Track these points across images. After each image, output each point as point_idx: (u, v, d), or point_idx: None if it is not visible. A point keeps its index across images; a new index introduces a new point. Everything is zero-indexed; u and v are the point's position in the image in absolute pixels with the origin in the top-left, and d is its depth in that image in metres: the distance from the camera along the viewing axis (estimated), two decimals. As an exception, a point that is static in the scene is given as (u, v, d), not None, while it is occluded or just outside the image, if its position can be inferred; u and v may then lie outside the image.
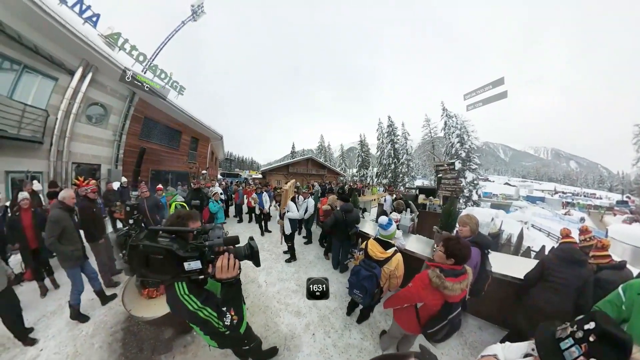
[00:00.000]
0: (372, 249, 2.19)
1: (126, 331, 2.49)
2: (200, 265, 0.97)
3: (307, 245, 5.51)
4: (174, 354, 2.22)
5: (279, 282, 3.67)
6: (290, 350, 2.31)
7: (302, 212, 5.50)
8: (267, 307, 3.01)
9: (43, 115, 6.10)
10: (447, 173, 8.47)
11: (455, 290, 1.48)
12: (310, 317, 2.81)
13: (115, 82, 8.00)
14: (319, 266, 4.37)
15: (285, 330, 2.59)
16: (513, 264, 2.74)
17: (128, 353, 2.23)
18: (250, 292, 3.39)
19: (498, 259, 2.78)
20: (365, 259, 2.22)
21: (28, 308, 2.79)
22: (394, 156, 29.45)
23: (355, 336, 2.53)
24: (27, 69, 6.00)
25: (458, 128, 22.79)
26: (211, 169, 17.90)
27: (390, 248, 2.17)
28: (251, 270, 4.10)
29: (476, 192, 22.29)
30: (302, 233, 6.10)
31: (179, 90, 11.03)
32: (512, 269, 2.56)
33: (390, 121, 30.34)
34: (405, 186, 26.72)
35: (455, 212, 4.23)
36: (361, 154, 36.15)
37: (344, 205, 3.92)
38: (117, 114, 8.64)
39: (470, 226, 2.26)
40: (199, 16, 10.65)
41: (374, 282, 2.06)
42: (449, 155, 23.09)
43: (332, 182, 17.54)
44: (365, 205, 10.44)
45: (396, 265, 2.11)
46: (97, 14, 7.17)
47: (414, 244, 3.54)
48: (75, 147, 7.21)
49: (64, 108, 6.67)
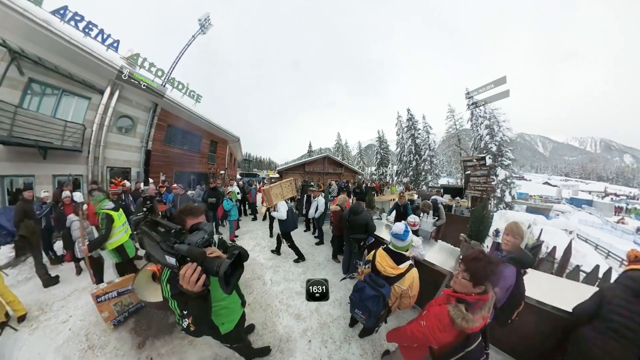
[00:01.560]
0: (381, 262, 1.79)
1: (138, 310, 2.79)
2: (174, 262, 0.97)
3: (319, 245, 5.38)
4: (174, 338, 2.41)
5: (284, 282, 3.67)
6: (283, 353, 2.29)
7: (312, 211, 5.49)
8: (268, 306, 3.03)
9: (81, 128, 7.18)
10: (477, 170, 7.26)
11: (478, 321, 1.15)
12: (309, 322, 2.74)
13: (139, 97, 9.00)
14: (328, 269, 4.24)
15: (282, 332, 2.57)
16: (555, 288, 2.18)
17: (138, 329, 2.54)
18: (254, 289, 3.45)
19: (535, 279, 2.22)
20: (371, 274, 1.82)
21: (65, 283, 3.46)
22: (415, 152, 27.75)
23: (355, 351, 2.35)
24: (66, 93, 7.14)
25: (487, 118, 20.17)
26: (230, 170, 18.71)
27: (404, 262, 1.76)
28: (258, 267, 4.18)
29: (509, 193, 19.45)
30: (315, 232, 6.06)
31: (196, 99, 11.76)
32: (553, 295, 1.99)
33: (410, 114, 28.50)
34: (428, 185, 25.32)
35: (489, 217, 3.55)
36: (380, 151, 35.04)
37: (353, 205, 3.61)
38: (143, 124, 9.64)
39: (517, 238, 1.81)
40: (207, 28, 11.29)
41: (381, 305, 1.67)
42: (477, 149, 20.69)
43: (349, 180, 17.30)
44: (383, 206, 10.10)
45: (410, 284, 1.70)
46: (117, 40, 8.08)
47: (436, 253, 3.03)
48: (108, 154, 8.27)
49: (97, 121, 7.71)
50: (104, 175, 8.06)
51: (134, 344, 2.34)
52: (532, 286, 1.90)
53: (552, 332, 1.87)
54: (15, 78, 5.93)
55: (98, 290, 2.43)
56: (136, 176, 9.16)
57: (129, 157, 9.18)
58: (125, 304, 2.59)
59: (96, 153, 7.71)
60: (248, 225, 7.19)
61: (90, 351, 2.26)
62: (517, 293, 1.73)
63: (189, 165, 12.70)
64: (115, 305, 2.51)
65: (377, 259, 1.83)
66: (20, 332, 2.50)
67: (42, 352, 2.25)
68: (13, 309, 2.64)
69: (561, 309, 1.85)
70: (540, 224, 12.41)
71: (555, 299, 1.94)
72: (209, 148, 14.73)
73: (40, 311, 2.78)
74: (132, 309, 2.67)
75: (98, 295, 2.41)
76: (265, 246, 5.30)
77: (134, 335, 2.45)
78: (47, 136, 6.19)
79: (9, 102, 5.61)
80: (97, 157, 7.75)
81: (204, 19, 11.00)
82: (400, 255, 1.80)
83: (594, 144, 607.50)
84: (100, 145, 7.80)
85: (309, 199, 6.25)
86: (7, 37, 5.52)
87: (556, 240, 8.23)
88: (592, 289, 2.05)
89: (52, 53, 6.40)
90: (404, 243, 1.80)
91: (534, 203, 33.22)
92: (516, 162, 22.81)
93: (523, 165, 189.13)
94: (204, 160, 14.25)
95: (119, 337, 2.43)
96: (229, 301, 1.47)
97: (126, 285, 2.58)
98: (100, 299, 2.42)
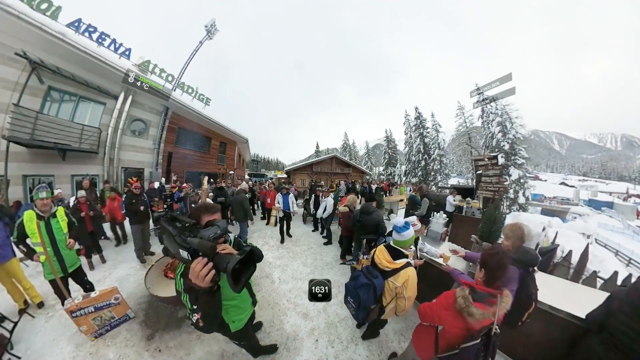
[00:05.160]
0: (379, 256, 1.85)
1: (149, 304, 2.92)
2: (187, 256, 0.98)
3: (327, 245, 5.38)
4: (182, 332, 2.49)
5: (292, 281, 3.69)
6: (290, 351, 2.30)
7: (320, 211, 5.49)
8: (276, 304, 3.05)
9: (97, 132, 7.62)
10: (488, 169, 6.86)
11: (479, 313, 1.19)
12: (317, 321, 2.74)
13: (151, 101, 9.40)
14: (336, 269, 4.22)
15: (289, 330, 2.58)
16: (570, 294, 2.10)
17: (148, 321, 2.64)
18: (263, 286, 3.49)
19: (549, 284, 2.22)
20: (369, 266, 1.91)
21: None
22: (424, 152, 27.06)
23: (361, 352, 2.31)
24: (82, 99, 7.60)
25: (498, 114, 19.20)
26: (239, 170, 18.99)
27: (400, 258, 1.78)
28: (267, 265, 4.23)
29: (523, 194, 18.36)
30: (323, 232, 6.05)
31: (205, 102, 12.07)
32: (568, 301, 1.92)
33: (418, 113, 27.72)
34: (437, 185, 24.76)
35: (501, 219, 3.50)
36: (387, 150, 34.61)
37: (363, 205, 3.57)
38: (155, 127, 10.04)
39: (512, 240, 1.80)
40: (213, 34, 11.56)
41: (371, 295, 1.73)
42: (488, 148, 19.80)
43: (357, 181, 17.20)
44: (392, 206, 10.03)
45: (404, 282, 1.67)
46: (128, 49, 8.42)
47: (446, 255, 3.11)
48: (123, 155, 8.66)
49: (112, 125, 8.13)
50: (119, 175, 8.46)
51: (143, 336, 2.42)
52: (545, 291, 1.82)
53: (565, 340, 1.79)
54: (36, 86, 6.38)
55: (72, 305, 2.24)
56: (149, 176, 9.51)
57: (142, 158, 9.58)
58: (106, 318, 2.42)
59: (111, 154, 8.12)
60: (257, 224, 7.27)
61: (101, 340, 2.36)
62: (525, 294, 1.68)
63: (200, 165, 13.04)
64: (94, 319, 2.34)
65: (376, 253, 1.89)
66: (37, 319, 2.66)
67: (56, 338, 2.38)
68: (30, 296, 2.84)
69: (575, 316, 1.77)
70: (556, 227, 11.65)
71: (570, 306, 1.85)
72: (218, 149, 15.08)
73: (56, 300, 2.84)
74: (115, 323, 2.49)
75: (72, 311, 2.24)
76: (274, 245, 5.36)
77: (144, 327, 2.54)
78: (65, 139, 6.59)
79: (30, 108, 6.03)
80: (112, 158, 8.16)
81: (210, 25, 11.33)
82: (398, 251, 1.82)
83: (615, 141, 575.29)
84: (115, 147, 8.20)
85: (317, 198, 6.27)
86: (28, 49, 5.95)
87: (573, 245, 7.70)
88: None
89: (69, 63, 6.86)
90: (401, 237, 1.81)
91: (550, 205, 30.98)
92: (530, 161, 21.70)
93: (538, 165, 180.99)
94: (214, 161, 14.59)
95: (129, 328, 2.53)
96: (240, 300, 1.46)
97: (106, 300, 2.41)
98: (75, 314, 2.25)
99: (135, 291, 3.19)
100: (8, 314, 2.56)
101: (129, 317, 2.62)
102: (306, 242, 5.58)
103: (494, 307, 1.19)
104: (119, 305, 2.50)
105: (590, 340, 1.52)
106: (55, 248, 2.42)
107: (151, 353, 2.23)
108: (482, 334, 1.24)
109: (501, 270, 1.25)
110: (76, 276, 2.75)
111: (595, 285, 4.07)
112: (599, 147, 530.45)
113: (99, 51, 7.27)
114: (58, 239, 2.43)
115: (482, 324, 1.21)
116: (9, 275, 2.73)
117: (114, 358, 2.17)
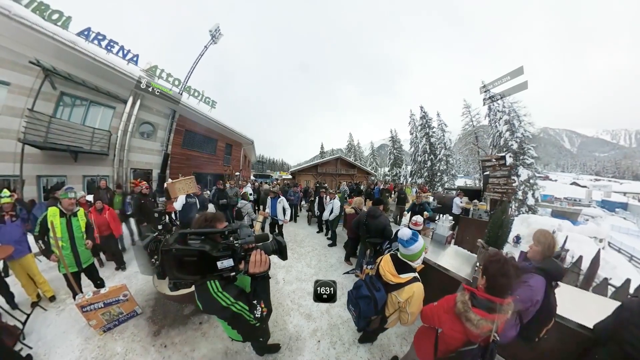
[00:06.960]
0: (383, 267, 1.71)
1: (156, 301, 3.00)
2: (232, 263, 1.00)
3: (331, 247, 5.39)
4: (187, 329, 2.55)
5: (296, 282, 3.72)
6: (292, 352, 2.33)
7: (327, 212, 5.49)
8: (280, 304, 3.08)
9: (107, 134, 7.91)
10: (496, 170, 6.67)
11: (477, 319, 1.15)
12: (319, 322, 2.76)
13: (159, 105, 9.66)
14: (340, 270, 4.22)
15: (292, 331, 2.61)
16: (579, 302, 2.02)
17: (155, 318, 2.72)
18: (267, 287, 3.54)
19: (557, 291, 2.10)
20: (373, 276, 1.79)
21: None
22: (430, 152, 26.63)
23: (362, 355, 2.32)
24: (93, 103, 7.92)
25: (506, 112, 18.57)
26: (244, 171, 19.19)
27: (407, 273, 1.63)
28: (271, 266, 4.25)
29: (532, 195, 17.67)
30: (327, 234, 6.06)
31: (211, 105, 12.28)
32: (577, 310, 1.84)
33: (423, 112, 27.26)
34: (444, 186, 24.41)
35: (508, 222, 3.42)
36: (393, 151, 34.32)
37: (370, 208, 3.47)
38: (163, 129, 10.31)
39: (542, 247, 1.64)
40: (217, 39, 11.72)
41: (371, 308, 1.65)
42: (496, 147, 19.23)
43: (362, 182, 17.11)
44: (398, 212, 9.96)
45: (409, 298, 1.56)
46: (136, 55, 8.66)
47: (451, 259, 2.92)
48: (132, 157, 8.93)
49: (122, 128, 8.42)
50: (128, 176, 8.73)
51: (150, 331, 2.49)
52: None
53: (572, 350, 1.73)
54: (49, 92, 6.67)
55: (82, 300, 2.37)
56: (157, 177, 9.75)
57: (151, 160, 9.85)
58: (115, 314, 2.52)
59: (121, 156, 8.39)
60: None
61: (109, 334, 2.45)
62: (547, 308, 1.55)
63: (206, 167, 13.26)
64: (103, 315, 2.45)
65: (381, 263, 1.78)
66: (48, 312, 2.77)
67: (66, 331, 2.48)
68: (43, 290, 2.98)
69: (583, 326, 1.71)
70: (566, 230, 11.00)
71: (580, 315, 1.77)
72: (224, 150, 15.30)
73: (67, 295, 2.97)
74: (123, 318, 2.59)
75: (82, 306, 2.36)
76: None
77: (151, 323, 2.62)
78: (77, 141, 6.87)
79: (44, 113, 6.31)
80: (122, 159, 8.43)
81: (214, 29, 11.52)
82: (404, 264, 1.68)
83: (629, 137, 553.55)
84: (125, 149, 8.48)
85: (322, 200, 6.26)
86: (41, 57, 6.22)
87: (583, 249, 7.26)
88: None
89: (80, 69, 7.15)
90: (407, 251, 1.66)
91: (560, 206, 29.51)
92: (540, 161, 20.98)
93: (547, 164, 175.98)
94: (220, 162, 14.81)
95: (136, 323, 2.61)
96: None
97: (115, 296, 2.50)
98: (86, 309, 2.36)
99: (144, 288, 3.29)
100: (21, 306, 2.71)
101: (137, 313, 2.71)
102: (310, 244, 5.60)
103: (494, 314, 1.15)
104: (127, 302, 2.60)
105: (597, 351, 1.47)
106: (72, 243, 2.64)
107: (157, 348, 2.29)
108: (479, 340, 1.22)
109: (502, 278, 1.17)
110: (89, 272, 2.92)
111: (606, 294, 3.99)
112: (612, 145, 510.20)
113: (108, 58, 7.55)
114: (76, 236, 2.67)
115: (483, 331, 1.15)
116: (24, 269, 2.88)
117: (121, 352, 2.25)
